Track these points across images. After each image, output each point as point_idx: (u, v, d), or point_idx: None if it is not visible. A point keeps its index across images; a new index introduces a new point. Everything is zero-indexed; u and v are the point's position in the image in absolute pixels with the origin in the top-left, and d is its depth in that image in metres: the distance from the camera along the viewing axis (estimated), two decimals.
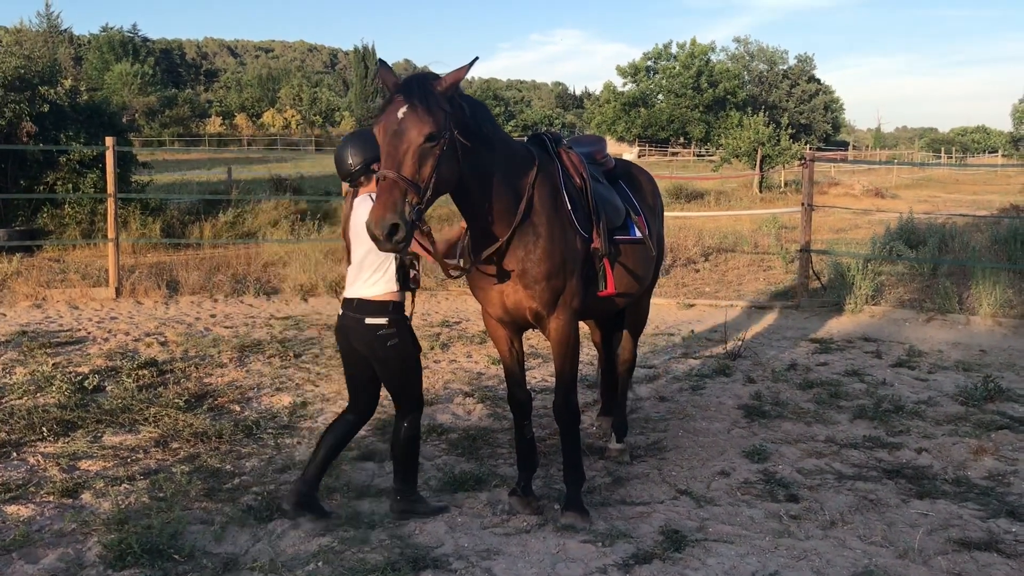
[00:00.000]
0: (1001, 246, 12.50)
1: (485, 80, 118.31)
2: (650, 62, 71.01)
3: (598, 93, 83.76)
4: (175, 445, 5.53)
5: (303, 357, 7.88)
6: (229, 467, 5.19)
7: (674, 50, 69.83)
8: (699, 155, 66.41)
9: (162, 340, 8.46)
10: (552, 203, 4.30)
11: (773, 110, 60.85)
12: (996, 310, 9.40)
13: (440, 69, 3.88)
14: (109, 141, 11.15)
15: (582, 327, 5.14)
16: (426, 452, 5.40)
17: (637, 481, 5.10)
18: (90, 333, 8.76)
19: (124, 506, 4.52)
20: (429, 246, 4.22)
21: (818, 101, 73.04)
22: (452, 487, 4.90)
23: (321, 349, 8.15)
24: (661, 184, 7.07)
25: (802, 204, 10.83)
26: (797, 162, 28.26)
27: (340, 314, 4.42)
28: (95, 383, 6.74)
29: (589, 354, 7.59)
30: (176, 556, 3.95)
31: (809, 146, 42.88)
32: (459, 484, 4.92)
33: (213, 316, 9.84)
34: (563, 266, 4.26)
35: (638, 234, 4.88)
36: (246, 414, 6.23)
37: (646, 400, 6.75)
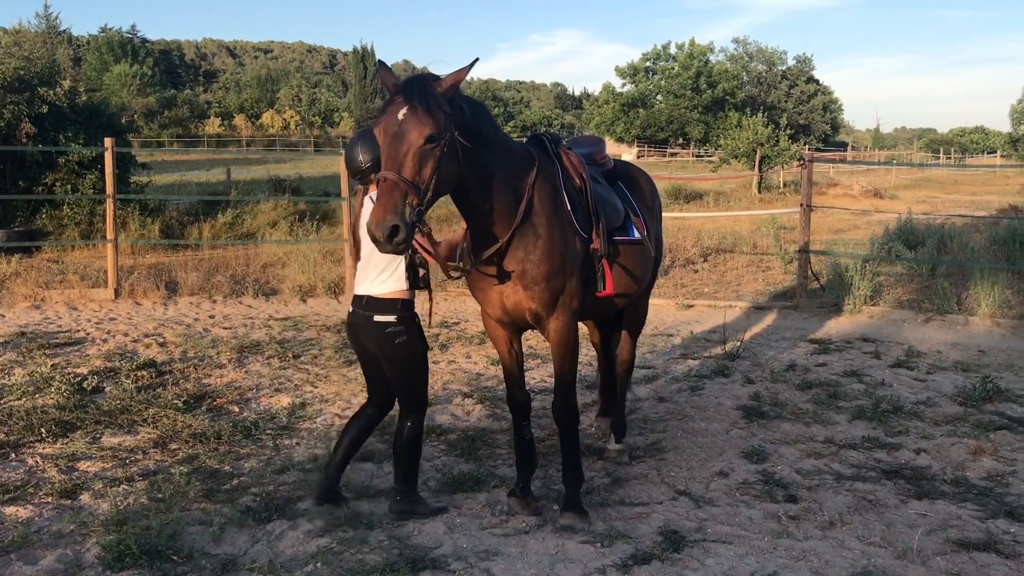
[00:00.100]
0: (1000, 247, 12.50)
1: (484, 81, 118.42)
2: (649, 63, 71.13)
3: (597, 94, 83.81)
4: (174, 446, 5.53)
5: (302, 358, 7.88)
6: (228, 468, 5.18)
7: (673, 51, 69.96)
8: (698, 156, 66.47)
9: (161, 341, 8.45)
10: (552, 204, 4.30)
11: (772, 111, 60.95)
12: (995, 310, 9.40)
13: (440, 68, 3.89)
14: (108, 142, 11.15)
15: (581, 328, 5.14)
16: (425, 453, 5.39)
17: (636, 482, 5.10)
18: (89, 334, 8.76)
19: (123, 507, 4.52)
20: (430, 247, 4.23)
21: (817, 102, 73.17)
22: (451, 488, 4.90)
23: (320, 350, 8.15)
24: (660, 185, 7.08)
25: (801, 205, 10.84)
26: (796, 163, 28.27)
27: (350, 311, 4.47)
28: (94, 384, 6.73)
29: (588, 355, 7.59)
30: (175, 557, 3.95)
31: (808, 147, 42.94)
32: (458, 485, 4.92)
33: (212, 317, 9.84)
34: (563, 267, 4.26)
35: (637, 235, 4.88)
36: (245, 415, 6.23)
37: (645, 401, 6.75)
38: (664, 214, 6.25)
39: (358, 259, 4.45)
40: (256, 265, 12.50)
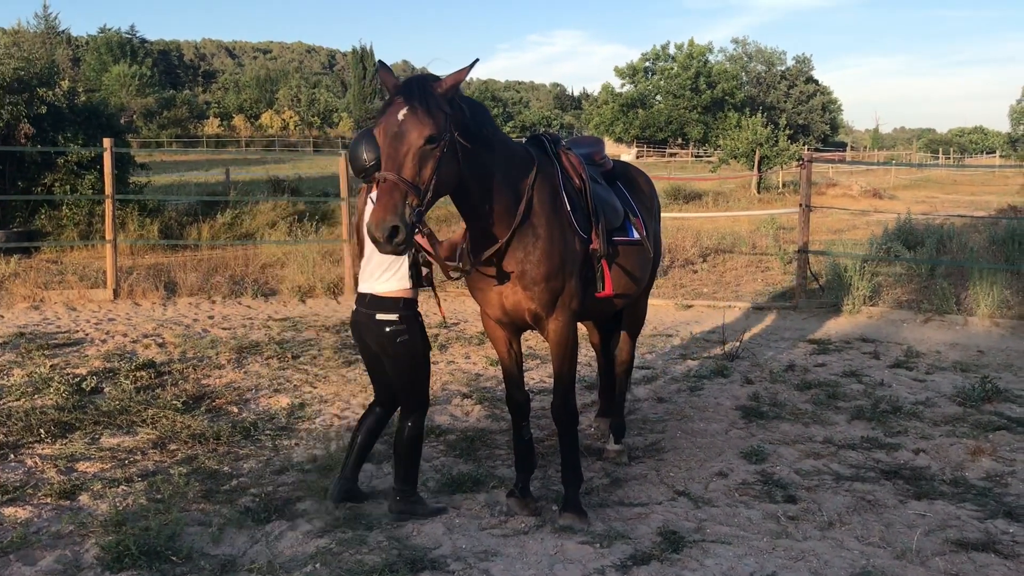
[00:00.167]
0: (999, 247, 12.51)
1: (483, 81, 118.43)
2: (648, 63, 71.15)
3: (596, 94, 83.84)
4: (173, 447, 5.53)
5: (301, 358, 7.88)
6: (227, 469, 5.18)
7: (672, 51, 69.99)
8: (697, 156, 66.49)
9: (160, 342, 8.45)
10: (551, 204, 4.30)
11: (771, 111, 61.03)
12: (994, 311, 9.41)
13: (439, 67, 3.88)
14: (107, 142, 11.14)
15: (580, 328, 5.14)
16: (424, 453, 5.38)
17: (635, 482, 5.10)
18: (88, 335, 8.76)
19: (122, 508, 4.51)
20: (430, 248, 4.23)
21: (816, 102, 73.22)
22: (450, 488, 4.90)
23: (319, 350, 8.15)
24: (659, 185, 7.08)
25: (800, 205, 10.84)
26: (795, 163, 28.28)
27: (354, 309, 4.49)
28: (93, 385, 6.73)
29: (587, 355, 7.59)
30: (174, 558, 3.95)
31: (807, 147, 42.94)
32: (457, 485, 4.92)
33: (211, 317, 9.84)
34: (562, 267, 4.26)
35: (636, 235, 4.89)
36: (244, 416, 6.23)
37: (644, 401, 6.75)
38: (663, 214, 6.25)
39: (362, 256, 4.46)
40: (255, 266, 12.49)
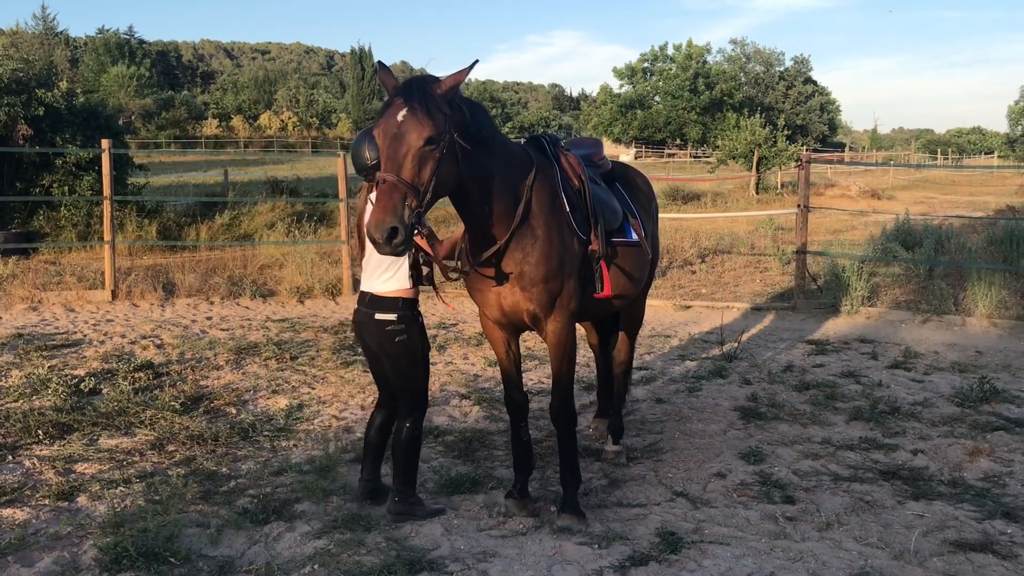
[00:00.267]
0: (997, 247, 12.52)
1: (482, 82, 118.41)
2: (646, 64, 71.17)
3: (595, 95, 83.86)
4: (171, 448, 5.53)
5: (299, 359, 7.87)
6: (225, 470, 5.18)
7: (670, 52, 70.01)
8: (696, 157, 66.52)
9: (158, 343, 8.45)
10: (550, 205, 4.30)
11: (769, 111, 61.07)
12: (992, 311, 9.41)
13: (438, 68, 3.89)
14: (105, 143, 11.14)
15: (578, 329, 5.14)
16: (423, 454, 5.39)
17: (633, 483, 5.10)
18: (86, 336, 8.75)
19: (120, 509, 4.51)
20: (429, 249, 4.23)
21: (814, 102, 73.28)
22: (448, 489, 4.90)
23: (317, 351, 8.14)
24: (658, 186, 7.08)
25: (798, 206, 10.85)
26: (794, 164, 28.30)
27: (356, 309, 4.51)
28: (91, 386, 6.73)
29: (586, 356, 7.59)
30: (172, 559, 3.94)
31: (806, 147, 42.93)
32: (455, 486, 4.92)
33: (209, 318, 9.83)
34: (561, 268, 4.26)
35: (634, 236, 4.89)
36: (242, 417, 6.22)
37: (642, 402, 6.75)
38: (662, 215, 6.26)
39: (362, 256, 4.47)
40: (253, 266, 12.49)
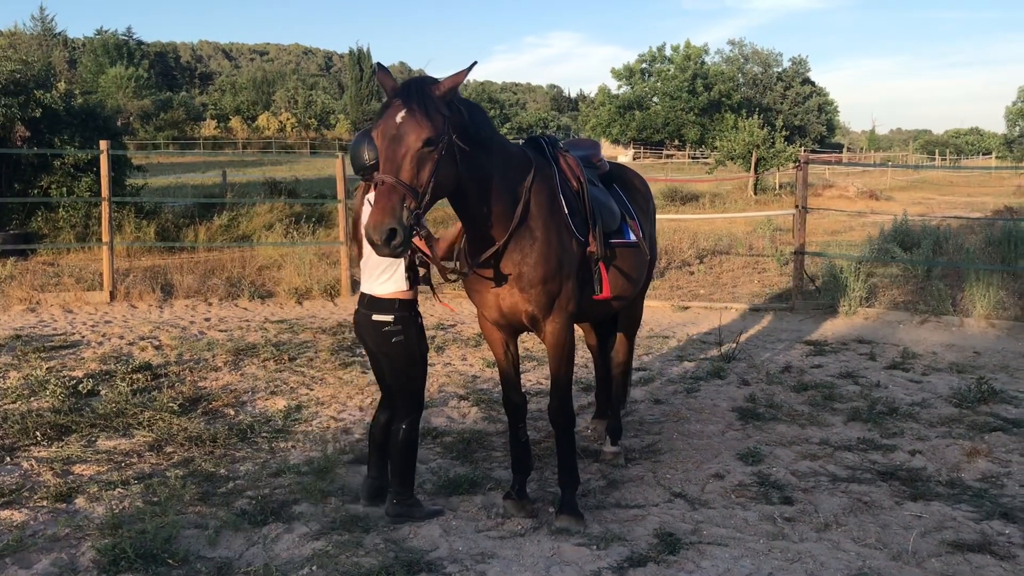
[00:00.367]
0: (995, 248, 12.54)
1: (481, 83, 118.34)
2: (645, 65, 71.17)
3: (593, 96, 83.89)
4: (169, 449, 5.52)
5: (297, 361, 7.87)
6: (223, 471, 5.18)
7: (668, 52, 70.01)
8: (694, 158, 66.55)
9: (156, 344, 8.44)
10: (549, 207, 4.31)
11: (767, 112, 61.06)
12: (990, 312, 9.42)
13: (437, 69, 3.89)
14: (103, 144, 11.14)
15: (576, 330, 5.15)
16: (421, 455, 5.39)
17: (632, 484, 5.10)
18: (84, 337, 8.74)
19: (118, 511, 4.51)
20: (427, 250, 4.23)
21: (812, 103, 73.30)
22: (447, 490, 4.90)
23: (316, 352, 8.14)
24: (656, 187, 7.09)
25: (796, 207, 10.85)
26: (792, 165, 28.31)
27: (356, 309, 4.54)
28: (89, 387, 6.73)
29: (584, 357, 7.59)
30: (170, 561, 3.94)
31: (804, 148, 42.94)
32: (454, 487, 4.92)
33: (207, 320, 9.83)
34: (559, 270, 4.27)
35: (633, 237, 4.89)
36: (240, 418, 6.22)
37: (641, 402, 6.75)
38: (660, 216, 6.26)
39: (360, 257, 4.47)
40: (252, 268, 12.49)
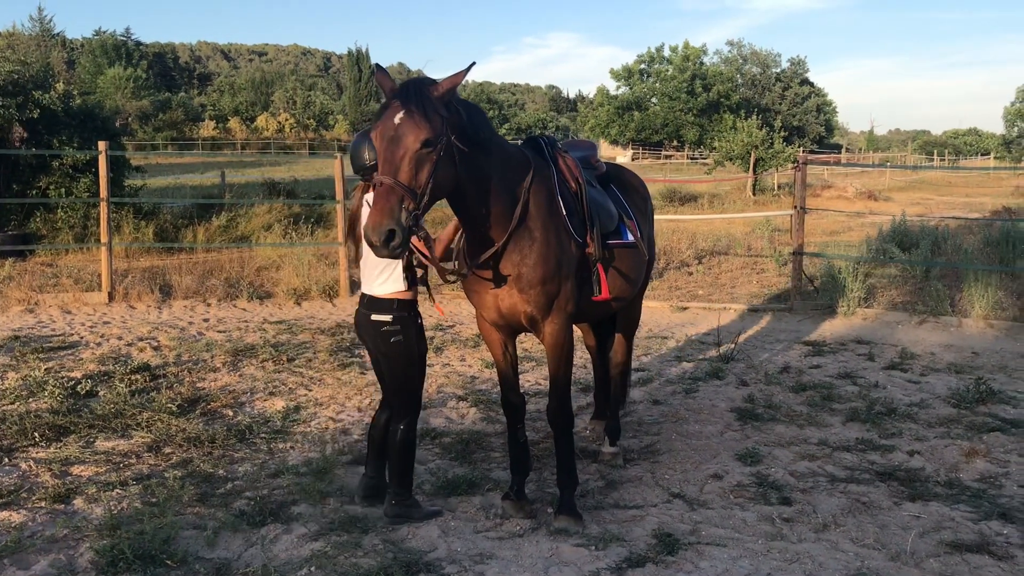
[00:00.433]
0: (993, 248, 12.56)
1: (479, 83, 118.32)
2: (643, 65, 71.16)
3: (591, 96, 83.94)
4: (168, 450, 5.52)
5: (296, 361, 7.87)
6: (222, 472, 5.18)
7: (667, 53, 70.02)
8: (692, 158, 66.55)
9: (155, 345, 8.44)
10: (548, 208, 4.31)
11: (766, 113, 61.09)
12: (988, 312, 9.43)
13: (435, 69, 3.89)
14: (102, 145, 11.13)
15: (575, 331, 5.15)
16: (419, 456, 5.39)
17: (630, 484, 5.11)
18: (83, 338, 8.74)
19: (116, 512, 4.50)
20: (427, 251, 4.23)
21: (811, 104, 73.29)
22: (445, 491, 4.90)
23: (314, 353, 8.14)
24: (655, 187, 7.09)
25: (794, 207, 10.86)
26: (790, 165, 28.33)
27: (356, 309, 4.55)
28: (88, 388, 6.72)
29: (583, 357, 7.59)
30: (169, 562, 3.94)
31: (802, 149, 42.98)
32: (452, 488, 4.92)
33: (206, 320, 9.82)
34: (558, 271, 4.27)
35: (630, 238, 4.89)
36: (239, 419, 6.22)
37: (639, 403, 6.75)
38: (659, 216, 6.27)
39: (359, 257, 4.47)
40: (250, 268, 12.49)
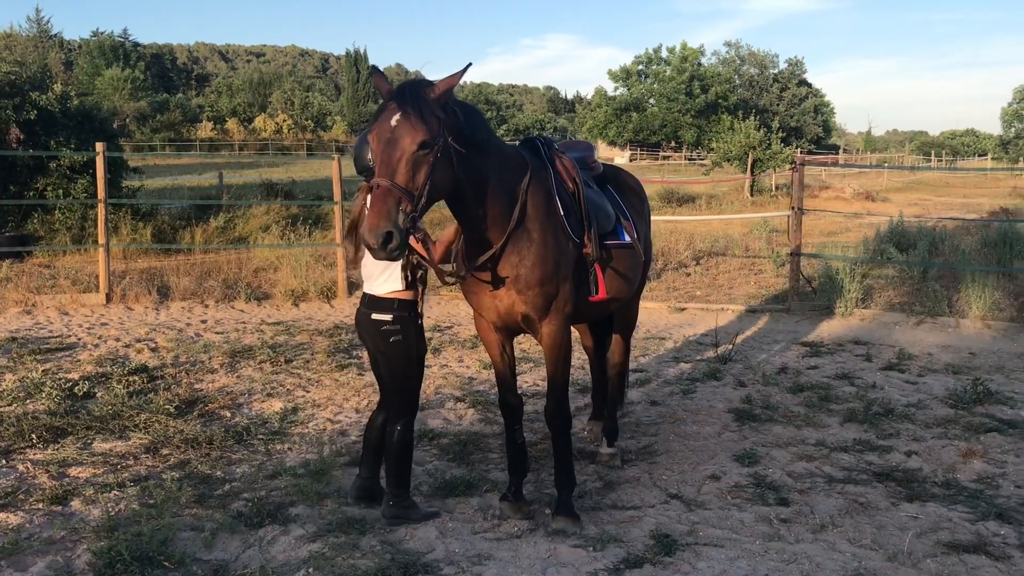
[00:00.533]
0: (991, 249, 12.58)
1: (477, 85, 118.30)
2: (641, 66, 71.25)
3: (589, 97, 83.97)
4: (165, 451, 5.52)
5: (294, 362, 7.87)
6: (219, 473, 5.17)
7: (664, 54, 70.12)
8: (690, 159, 66.64)
9: (153, 346, 8.43)
10: (546, 209, 4.31)
11: (764, 114, 61.16)
12: (985, 313, 9.45)
13: (433, 71, 3.89)
14: (99, 146, 11.12)
15: (573, 332, 5.15)
16: (417, 457, 5.40)
17: (628, 485, 5.11)
18: (80, 339, 8.73)
19: (114, 513, 4.50)
20: (425, 253, 4.23)
21: (808, 104, 73.44)
22: (443, 492, 4.90)
23: (312, 354, 8.14)
24: (653, 188, 7.10)
25: (792, 208, 10.87)
26: (788, 166, 28.35)
27: (357, 308, 4.57)
28: (85, 389, 6.72)
29: (580, 358, 7.60)
30: (166, 563, 3.94)
31: (800, 150, 43.06)
32: (450, 489, 4.92)
33: (204, 322, 9.82)
34: (556, 272, 4.28)
35: (627, 239, 4.90)
36: (237, 420, 6.21)
37: (637, 404, 6.76)
38: (656, 217, 6.27)
39: (359, 257, 4.47)
40: (248, 269, 12.48)
